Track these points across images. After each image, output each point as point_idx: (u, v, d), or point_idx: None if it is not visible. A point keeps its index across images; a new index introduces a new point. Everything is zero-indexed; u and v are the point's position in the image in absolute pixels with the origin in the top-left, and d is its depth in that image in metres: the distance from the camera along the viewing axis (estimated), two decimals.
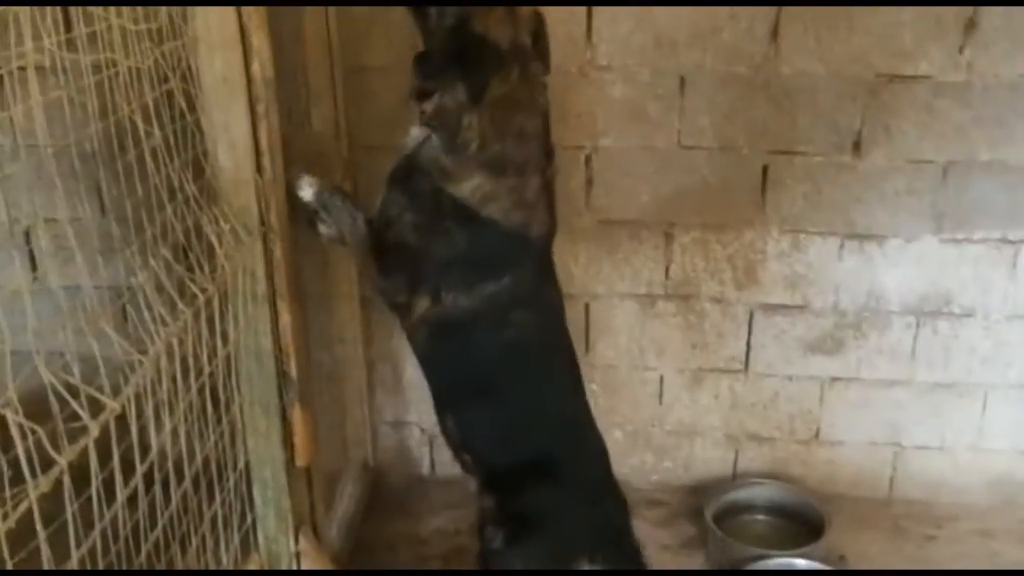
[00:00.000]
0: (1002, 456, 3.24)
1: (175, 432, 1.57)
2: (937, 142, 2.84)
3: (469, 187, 2.09)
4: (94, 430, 1.17)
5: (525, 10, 2.16)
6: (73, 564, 1.17)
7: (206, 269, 1.71)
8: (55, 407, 1.19)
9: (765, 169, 2.94)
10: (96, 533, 1.23)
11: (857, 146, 2.87)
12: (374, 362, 3.37)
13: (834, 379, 3.20)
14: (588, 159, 3.00)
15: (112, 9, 1.32)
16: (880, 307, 3.07)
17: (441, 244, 2.15)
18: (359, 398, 3.30)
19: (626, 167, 3.00)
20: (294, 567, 2.45)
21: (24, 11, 1.05)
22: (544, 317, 2.32)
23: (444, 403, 2.36)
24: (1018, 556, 3.08)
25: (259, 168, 1.92)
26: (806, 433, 3.30)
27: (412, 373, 3.39)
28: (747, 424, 3.32)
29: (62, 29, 1.19)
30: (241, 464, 2.04)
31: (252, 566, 2.39)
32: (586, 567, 2.28)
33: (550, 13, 2.75)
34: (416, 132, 2.15)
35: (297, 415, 2.27)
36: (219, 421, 1.86)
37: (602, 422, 3.33)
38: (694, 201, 3.02)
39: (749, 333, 3.18)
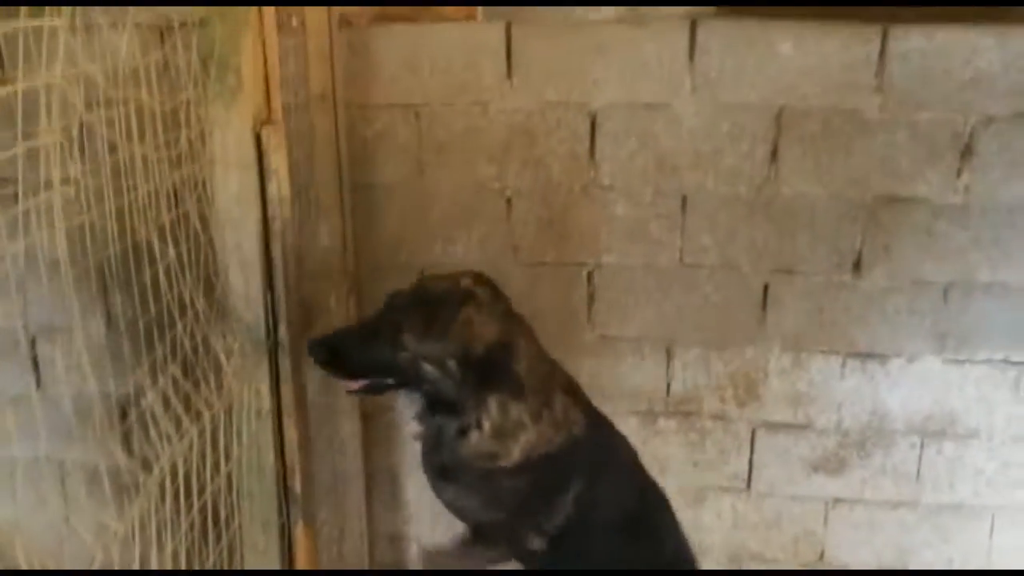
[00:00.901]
0: None
1: (175, 553, 1.55)
2: (937, 263, 2.87)
3: (517, 450, 2.10)
4: (99, 555, 1.15)
5: (473, 282, 2.12)
6: None
7: (212, 385, 1.71)
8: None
9: (766, 287, 2.97)
10: None
11: (857, 266, 2.90)
12: (374, 475, 3.34)
13: (838, 500, 3.17)
14: (590, 276, 3.04)
15: (135, 139, 1.36)
16: (884, 426, 3.05)
17: (514, 501, 2.17)
18: (358, 512, 3.25)
19: (628, 284, 3.03)
20: None
21: (55, 143, 1.08)
22: (622, 467, 2.38)
23: None
24: None
25: (270, 285, 1.94)
26: (811, 555, 3.25)
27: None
28: (750, 544, 3.27)
29: (87, 158, 1.22)
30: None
31: None
32: None
33: (554, 132, 2.86)
34: (439, 424, 2.16)
35: (299, 532, 2.24)
36: (218, 539, 1.83)
37: None
38: (696, 318, 3.04)
39: (751, 451, 3.16)
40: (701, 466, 3.20)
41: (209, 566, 1.78)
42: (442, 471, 2.20)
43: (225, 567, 1.89)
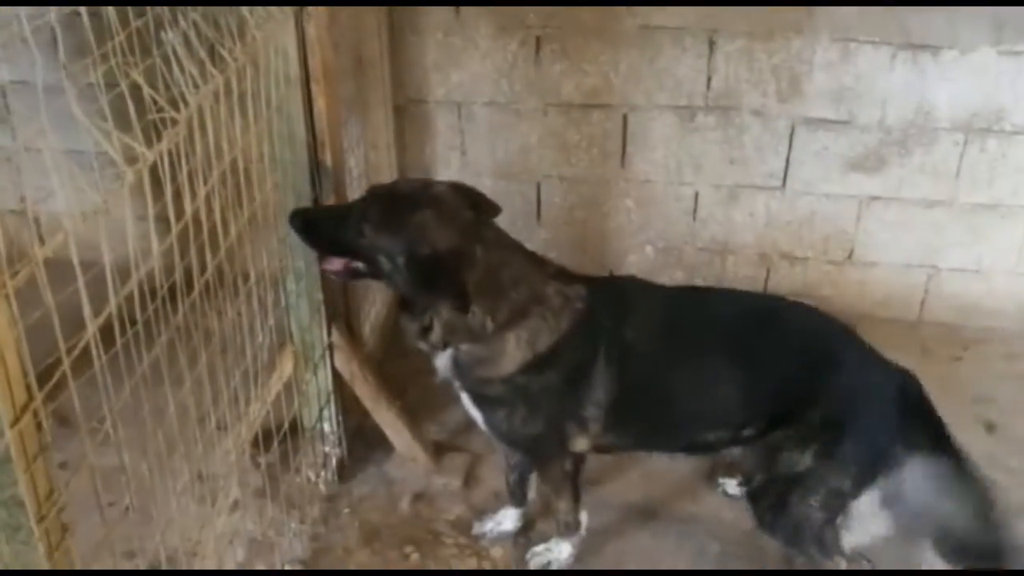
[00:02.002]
0: None
1: (208, 200, 1.55)
2: None
3: (515, 352, 2.07)
4: (129, 176, 1.14)
5: (445, 191, 2.10)
6: (112, 307, 1.17)
7: (236, 38, 1.65)
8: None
9: None
10: (133, 284, 1.23)
11: None
12: (407, 171, 3.34)
13: (873, 198, 3.14)
14: None
15: None
16: (928, 123, 2.97)
17: (547, 403, 2.16)
18: None
19: None
20: (327, 360, 2.49)
21: None
22: (648, 299, 2.25)
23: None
24: None
25: None
26: (840, 254, 3.27)
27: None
28: (780, 243, 3.28)
29: None
30: (273, 245, 2.04)
31: (287, 357, 2.43)
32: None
33: None
34: (443, 359, 2.17)
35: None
36: (251, 201, 1.84)
37: (635, 238, 3.35)
38: (741, 6, 2.88)
39: (789, 149, 3.11)
40: (737, 163, 3.16)
41: (243, 224, 1.80)
42: (474, 396, 2.22)
43: (259, 228, 1.91)
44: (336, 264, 2.09)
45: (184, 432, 1.70)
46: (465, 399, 2.25)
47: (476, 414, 2.25)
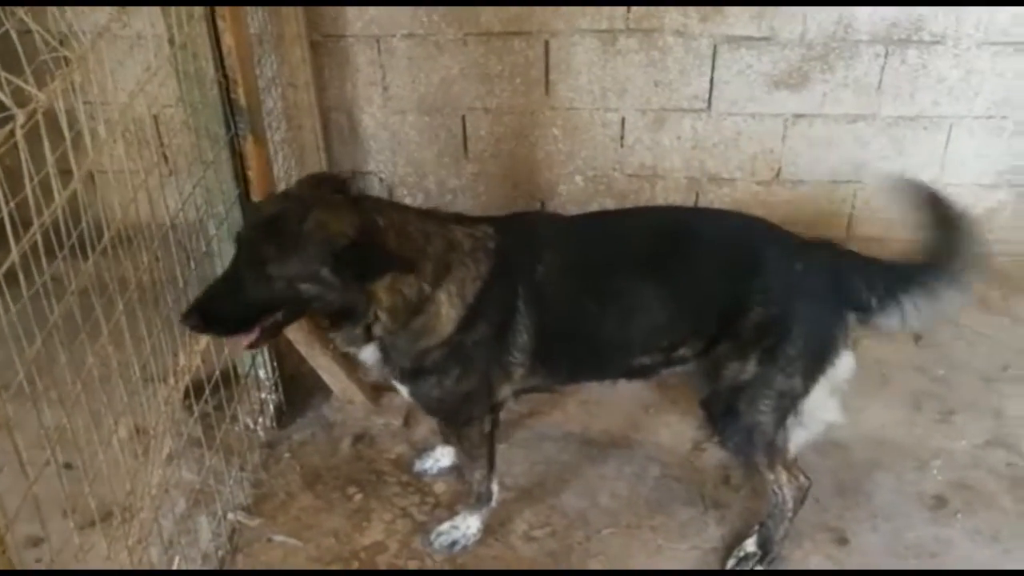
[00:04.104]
0: (962, 190, 3.23)
1: (111, 144, 1.49)
2: None
3: (450, 310, 2.01)
4: (21, 118, 1.09)
5: (305, 188, 1.97)
6: (15, 257, 1.12)
7: None
8: None
9: None
10: (35, 230, 1.18)
11: None
12: (328, 110, 3.26)
13: (797, 116, 3.15)
14: None
15: None
16: (849, 36, 2.97)
17: (479, 356, 2.09)
18: (315, 146, 3.20)
19: None
20: None
21: None
22: (562, 231, 2.20)
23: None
24: None
25: None
26: (767, 173, 3.28)
27: (368, 122, 3.30)
28: (708, 165, 3.29)
29: None
30: (190, 189, 1.97)
31: None
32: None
33: None
34: (369, 351, 2.08)
35: (250, 147, 2.19)
36: (161, 144, 1.77)
37: (564, 168, 3.33)
38: None
39: (713, 69, 3.09)
40: (662, 86, 3.13)
41: (151, 167, 1.74)
42: (407, 372, 2.13)
43: (174, 172, 1.85)
44: (250, 335, 1.93)
45: (106, 385, 1.66)
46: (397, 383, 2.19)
47: (403, 389, 2.19)
